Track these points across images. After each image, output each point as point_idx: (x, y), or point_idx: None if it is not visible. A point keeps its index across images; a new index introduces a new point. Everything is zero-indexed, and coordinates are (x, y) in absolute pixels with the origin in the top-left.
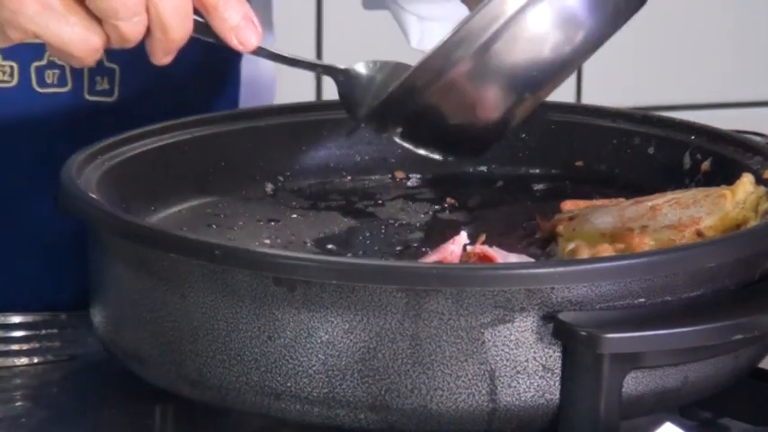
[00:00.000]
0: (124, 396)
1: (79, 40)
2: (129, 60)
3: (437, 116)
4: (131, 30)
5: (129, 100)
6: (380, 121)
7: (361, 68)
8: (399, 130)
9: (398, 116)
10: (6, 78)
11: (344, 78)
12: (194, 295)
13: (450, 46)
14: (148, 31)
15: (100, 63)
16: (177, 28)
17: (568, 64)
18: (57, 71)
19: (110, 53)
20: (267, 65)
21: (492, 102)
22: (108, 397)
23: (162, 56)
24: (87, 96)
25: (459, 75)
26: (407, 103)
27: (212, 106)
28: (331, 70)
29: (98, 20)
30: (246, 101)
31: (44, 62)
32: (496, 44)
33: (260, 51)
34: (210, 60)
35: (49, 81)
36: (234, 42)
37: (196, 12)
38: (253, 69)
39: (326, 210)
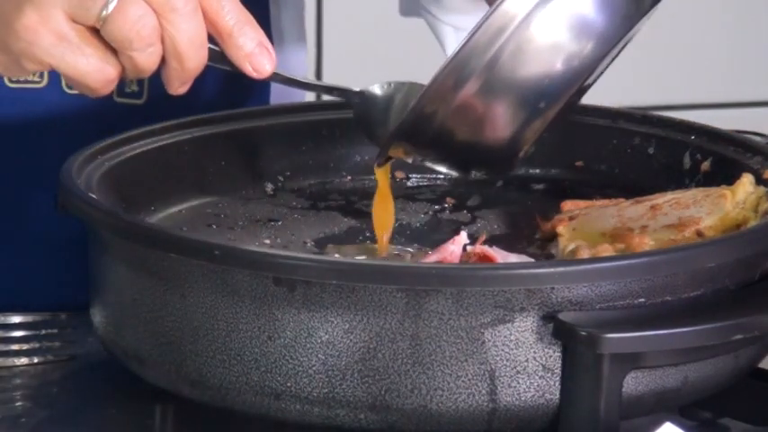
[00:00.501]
0: (124, 396)
1: (95, 71)
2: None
3: (458, 135)
4: (146, 60)
5: (157, 102)
6: (404, 146)
7: (376, 90)
8: (425, 153)
9: (420, 139)
10: (36, 79)
11: (360, 101)
12: (194, 295)
13: (458, 63)
14: (164, 61)
15: None
16: (192, 57)
17: (584, 69)
18: None
19: None
20: (298, 65)
21: (509, 116)
22: (108, 397)
23: (178, 85)
24: (116, 98)
25: (472, 91)
26: (425, 126)
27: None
28: (346, 93)
29: (113, 50)
30: (277, 102)
31: None
32: (504, 56)
33: (275, 77)
34: None
35: None
36: (248, 69)
37: (211, 39)
38: (283, 69)
39: (326, 210)
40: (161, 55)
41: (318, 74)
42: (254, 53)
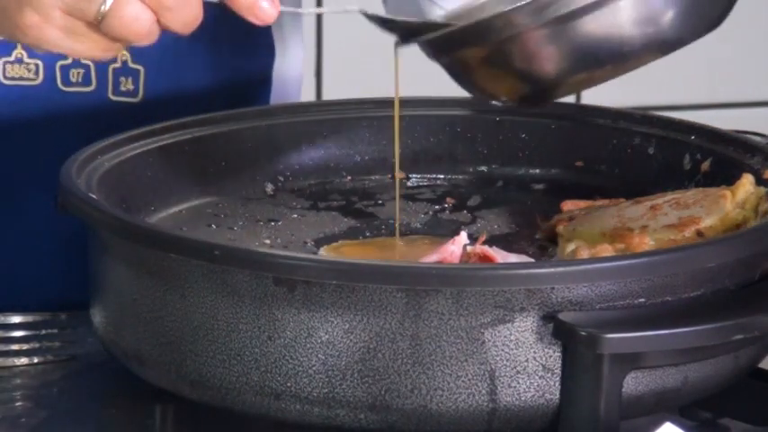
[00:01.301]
0: (124, 396)
1: (101, 51)
2: (154, 62)
3: (508, 60)
4: (146, 43)
5: (153, 101)
6: (437, 49)
7: None
8: (453, 62)
9: (459, 50)
10: (31, 76)
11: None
12: (194, 295)
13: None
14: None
15: (125, 63)
16: (189, 31)
17: (653, 49)
18: (81, 70)
19: (135, 54)
20: (294, 65)
21: (565, 63)
22: (108, 397)
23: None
24: (111, 96)
25: (537, 31)
26: (473, 44)
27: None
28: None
29: None
30: (276, 102)
31: (69, 61)
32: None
33: (281, 16)
34: (239, 63)
35: (73, 80)
36: (254, 20)
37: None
38: (280, 69)
39: (326, 210)
40: (158, 34)
41: (318, 73)
42: (255, 4)
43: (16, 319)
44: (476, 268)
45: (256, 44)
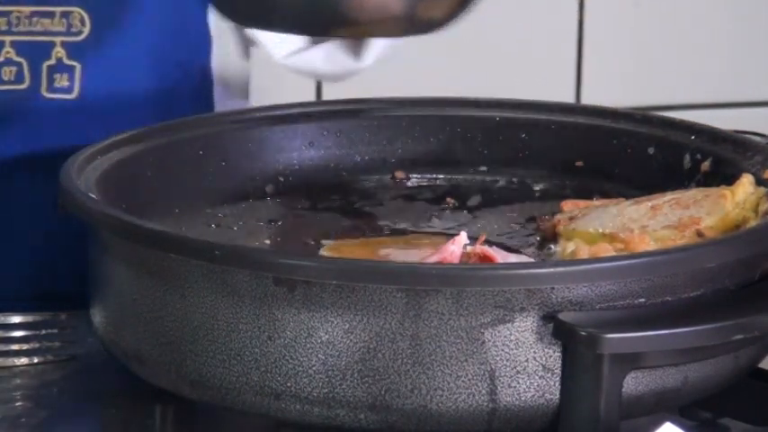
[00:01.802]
0: (124, 396)
1: None
2: (90, 58)
3: None
4: None
5: (90, 98)
6: None
7: None
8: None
9: None
10: None
11: None
12: (194, 295)
13: None
14: None
15: (59, 60)
16: None
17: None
18: (14, 68)
19: (71, 51)
20: (234, 57)
21: None
22: (108, 397)
23: None
24: (45, 93)
25: None
26: None
27: (182, 104)
28: None
29: None
30: (220, 101)
31: (0, 59)
32: None
33: None
34: (176, 55)
35: (5, 78)
36: None
37: None
38: (220, 61)
39: (326, 210)
40: None
41: None
42: None
43: (16, 319)
44: (476, 268)
45: (191, 33)
